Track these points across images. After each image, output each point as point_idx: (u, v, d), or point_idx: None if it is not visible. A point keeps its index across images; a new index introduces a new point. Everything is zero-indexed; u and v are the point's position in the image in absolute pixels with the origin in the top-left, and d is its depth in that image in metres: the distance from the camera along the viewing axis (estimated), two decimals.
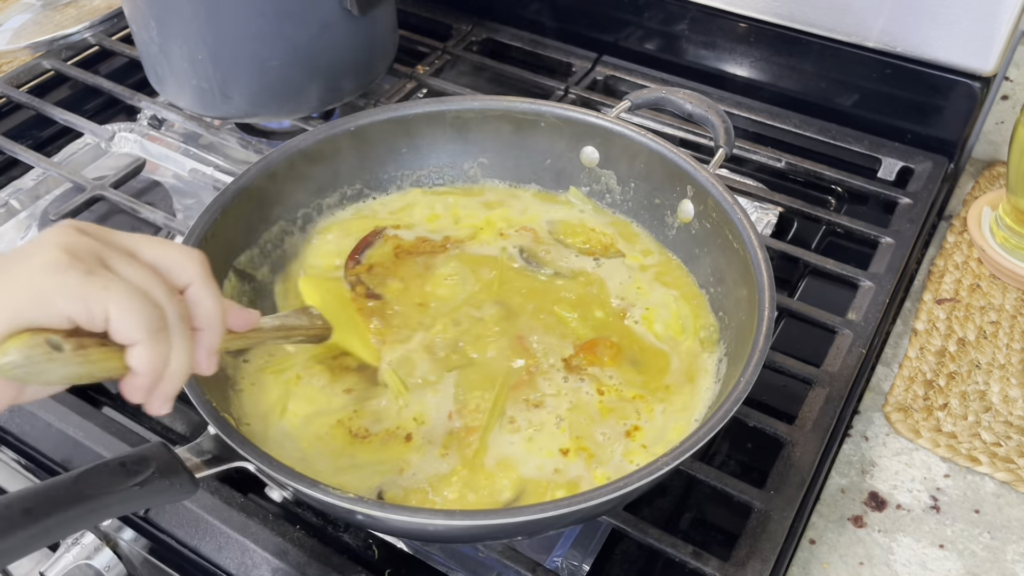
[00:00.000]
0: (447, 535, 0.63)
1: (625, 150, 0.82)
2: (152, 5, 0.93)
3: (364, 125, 0.82)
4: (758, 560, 0.64)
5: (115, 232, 0.50)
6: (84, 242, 0.47)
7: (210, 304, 0.52)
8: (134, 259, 0.49)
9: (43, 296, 0.45)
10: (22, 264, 0.45)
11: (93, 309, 0.45)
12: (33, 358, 0.44)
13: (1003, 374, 0.79)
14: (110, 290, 0.45)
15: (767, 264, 0.68)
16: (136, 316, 0.46)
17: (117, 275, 0.47)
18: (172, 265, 0.50)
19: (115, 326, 0.46)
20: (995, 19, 0.90)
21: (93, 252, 0.47)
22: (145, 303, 0.47)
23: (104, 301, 0.45)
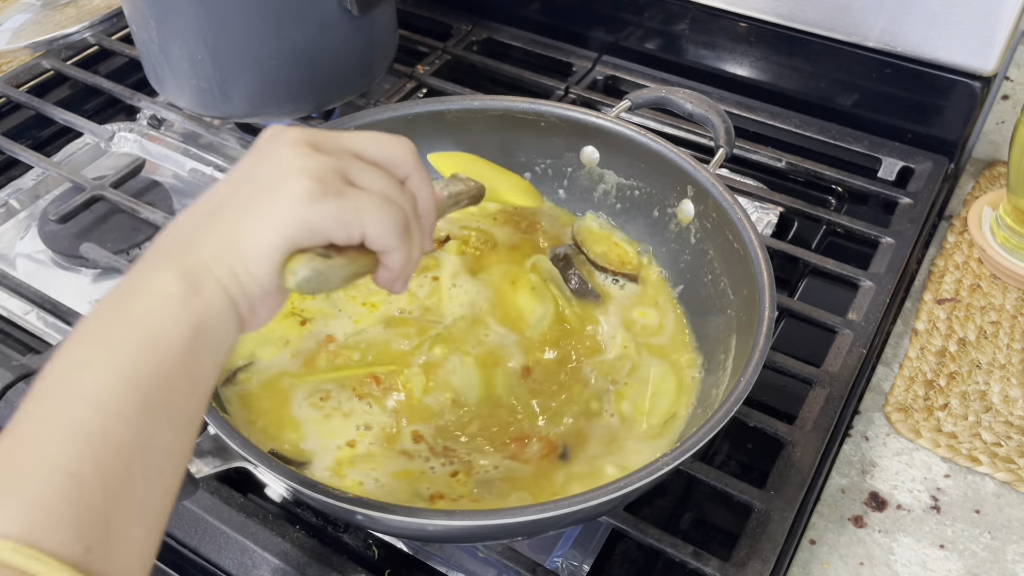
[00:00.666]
0: (447, 535, 0.63)
1: (625, 150, 0.82)
2: (152, 5, 0.93)
3: (364, 125, 0.82)
4: (758, 560, 0.64)
5: (338, 136, 0.53)
6: (323, 162, 0.49)
7: (427, 192, 0.56)
8: (364, 163, 0.52)
9: (311, 226, 0.48)
10: (281, 195, 0.48)
11: (352, 231, 0.49)
12: (318, 269, 0.49)
13: (1004, 374, 0.79)
14: (363, 211, 0.49)
15: (767, 264, 0.68)
16: (388, 228, 0.50)
17: (361, 190, 0.50)
18: (394, 159, 0.54)
19: (372, 240, 0.50)
20: (995, 19, 0.90)
21: (334, 170, 0.49)
22: (391, 213, 0.50)
23: (360, 223, 0.49)
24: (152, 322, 0.45)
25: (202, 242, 0.48)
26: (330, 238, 0.49)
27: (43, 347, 0.82)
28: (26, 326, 0.87)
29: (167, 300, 0.46)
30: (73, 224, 0.95)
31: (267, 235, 0.48)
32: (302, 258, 0.49)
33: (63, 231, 0.95)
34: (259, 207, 0.49)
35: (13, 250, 0.96)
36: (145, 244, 0.94)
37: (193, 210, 0.51)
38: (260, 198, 0.49)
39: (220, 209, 0.50)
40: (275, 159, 0.50)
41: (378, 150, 0.53)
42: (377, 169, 0.52)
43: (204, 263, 0.47)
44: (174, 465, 0.46)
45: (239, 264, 0.48)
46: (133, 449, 0.42)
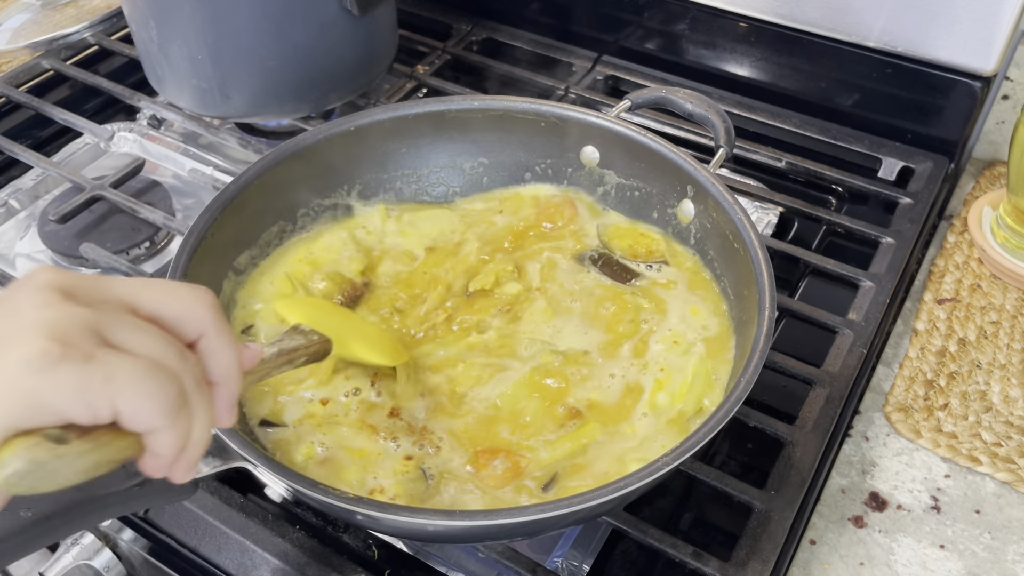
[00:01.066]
0: (447, 535, 0.63)
1: (625, 150, 0.82)
2: (151, 5, 0.93)
3: (364, 125, 0.82)
4: (758, 560, 0.64)
5: (107, 282, 0.43)
6: (72, 315, 0.39)
7: (227, 355, 0.45)
8: (136, 321, 0.41)
9: (33, 401, 0.38)
10: (2, 358, 0.38)
11: (97, 407, 0.39)
12: (38, 460, 0.38)
13: (1004, 374, 0.79)
14: (115, 380, 0.39)
15: (767, 264, 0.68)
16: (150, 404, 0.40)
17: (120, 351, 0.40)
18: (180, 315, 0.43)
19: (128, 419, 0.40)
20: (995, 19, 0.90)
21: (86, 326, 0.39)
22: (158, 384, 0.40)
23: (110, 395, 0.39)
24: None
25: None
26: (66, 417, 0.38)
27: None
28: None
29: None
30: (73, 224, 0.95)
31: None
32: (19, 445, 0.38)
33: (63, 231, 0.95)
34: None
35: (13, 250, 0.96)
36: (145, 244, 0.94)
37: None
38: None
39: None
40: (12, 306, 0.40)
41: (159, 304, 0.43)
42: (150, 327, 0.42)
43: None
44: None
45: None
46: None
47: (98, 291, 0.42)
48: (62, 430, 0.39)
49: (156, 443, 0.41)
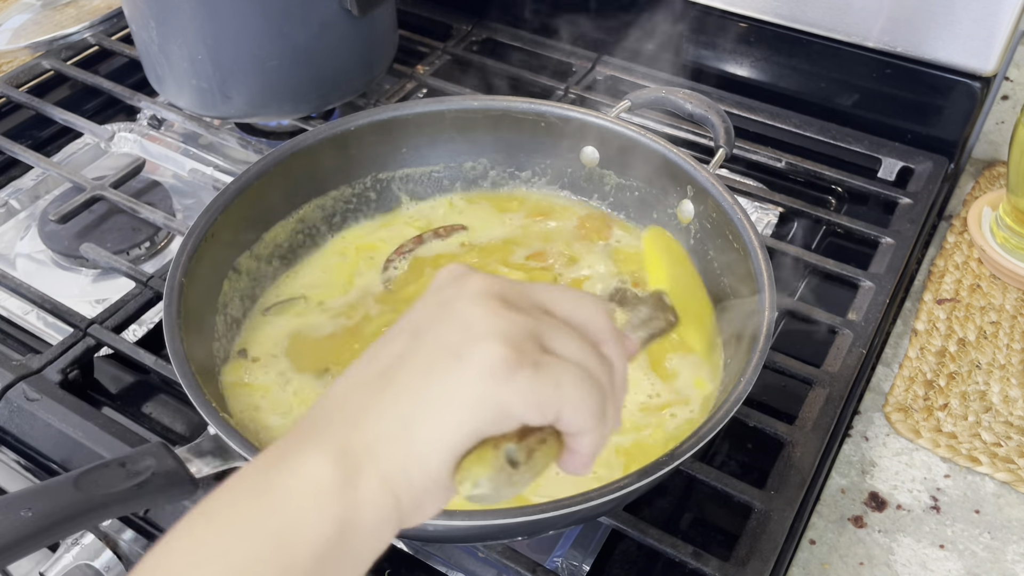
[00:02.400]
0: (447, 535, 0.63)
1: (625, 150, 0.82)
2: (152, 5, 0.93)
3: (364, 125, 0.82)
4: (758, 560, 0.64)
5: (530, 289, 0.45)
6: (517, 323, 0.41)
7: (623, 364, 0.46)
8: (563, 324, 0.44)
9: (499, 409, 0.40)
10: (468, 365, 0.40)
11: (547, 412, 0.41)
12: (499, 487, 0.40)
13: (1003, 374, 0.79)
14: (561, 387, 0.41)
15: (767, 264, 0.68)
16: (587, 409, 0.42)
17: (558, 358, 0.42)
18: (588, 321, 0.45)
19: (568, 422, 0.42)
20: (995, 19, 0.90)
21: (529, 333, 0.41)
22: (592, 391, 0.42)
23: (558, 401, 0.41)
24: (290, 510, 0.38)
25: (366, 420, 0.40)
26: (523, 421, 0.41)
27: (43, 347, 0.82)
28: (26, 326, 0.87)
29: (314, 490, 0.38)
30: (73, 224, 0.95)
31: (449, 421, 0.40)
32: (486, 460, 0.40)
33: (63, 231, 0.95)
34: (441, 380, 0.40)
35: (13, 250, 0.96)
36: (145, 244, 0.94)
37: (357, 371, 0.43)
38: (442, 367, 0.40)
39: (390, 377, 0.41)
40: (460, 316, 0.42)
41: (571, 308, 0.45)
42: (573, 332, 0.44)
43: (368, 448, 0.39)
44: None
45: (410, 455, 0.40)
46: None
47: (527, 297, 0.44)
48: (515, 447, 0.41)
49: (583, 444, 0.43)
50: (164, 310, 0.66)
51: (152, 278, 0.85)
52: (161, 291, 0.83)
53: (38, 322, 0.87)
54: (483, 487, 0.40)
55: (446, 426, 0.39)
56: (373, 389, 0.41)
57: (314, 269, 0.82)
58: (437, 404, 0.40)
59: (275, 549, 0.37)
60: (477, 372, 0.40)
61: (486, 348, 0.40)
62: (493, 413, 0.40)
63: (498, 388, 0.39)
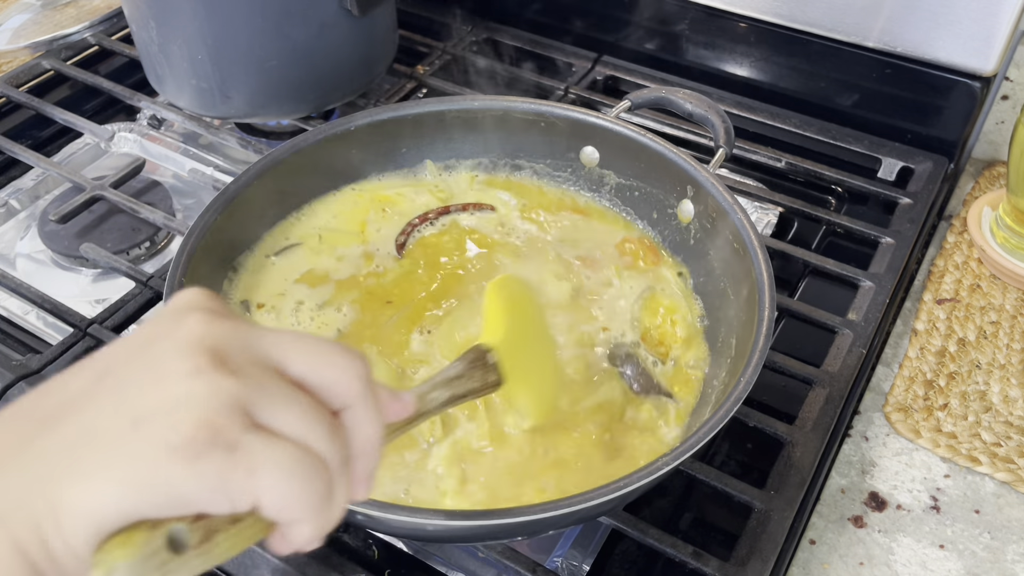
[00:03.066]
0: (446, 535, 0.63)
1: (625, 150, 0.82)
2: (152, 5, 0.93)
3: (364, 125, 0.82)
4: (758, 560, 0.64)
5: (258, 339, 0.38)
6: (221, 391, 0.35)
7: (372, 429, 0.40)
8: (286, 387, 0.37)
9: (171, 491, 0.33)
10: (143, 435, 0.34)
11: (237, 500, 0.35)
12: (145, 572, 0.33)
13: (1003, 374, 0.79)
14: (259, 473, 0.34)
15: (767, 264, 0.68)
16: (295, 498, 0.36)
17: (268, 435, 0.35)
18: (330, 384, 0.39)
19: (269, 512, 0.36)
20: (995, 19, 0.90)
21: (235, 404, 0.35)
22: (307, 477, 0.36)
23: (252, 490, 0.35)
24: None
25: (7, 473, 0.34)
26: (201, 510, 0.34)
27: (43, 347, 0.82)
28: (26, 326, 0.87)
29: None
30: (73, 224, 0.95)
31: (101, 496, 0.33)
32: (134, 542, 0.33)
33: (63, 231, 0.95)
34: (106, 443, 0.33)
35: (13, 250, 0.96)
36: (145, 244, 0.94)
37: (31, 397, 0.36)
38: (113, 428, 0.34)
39: (52, 424, 0.35)
40: (156, 367, 0.35)
41: (312, 369, 0.38)
42: (301, 399, 0.37)
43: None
44: None
45: (49, 518, 0.33)
46: None
47: (249, 351, 0.37)
48: (188, 525, 0.34)
49: (294, 533, 0.37)
50: None
51: (152, 278, 0.85)
52: (161, 291, 0.83)
53: (38, 322, 0.87)
54: (119, 571, 0.32)
55: (95, 500, 0.33)
56: (25, 434, 0.35)
57: (324, 214, 0.82)
58: (91, 471, 0.33)
59: None
60: (151, 447, 0.33)
61: (170, 420, 0.34)
62: (160, 498, 0.33)
63: (173, 470, 0.33)
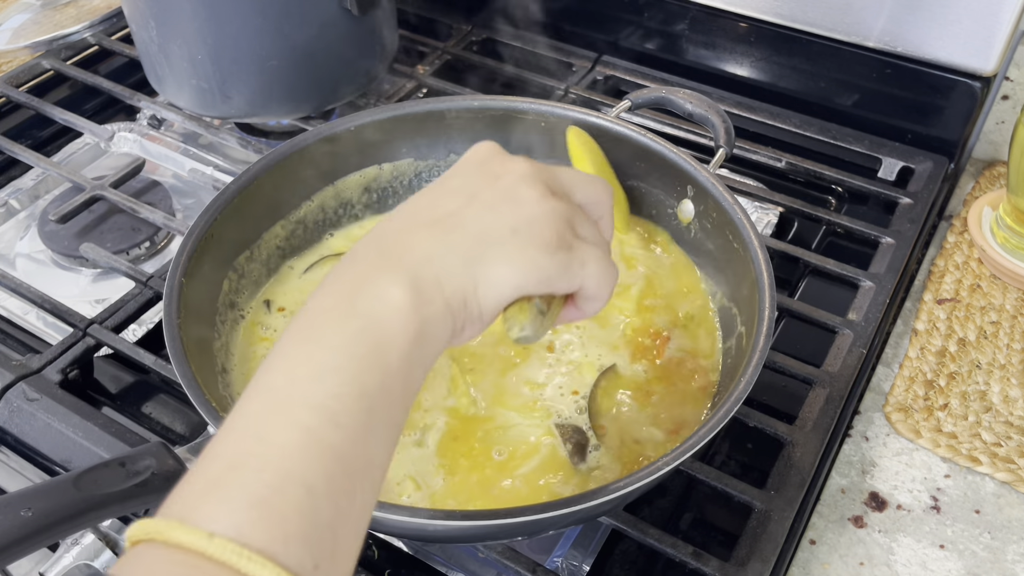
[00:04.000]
0: (447, 535, 0.63)
1: (625, 150, 0.82)
2: (152, 5, 0.93)
3: (364, 125, 0.82)
4: (758, 560, 0.64)
5: (561, 176, 0.55)
6: (559, 211, 0.51)
7: (610, 234, 0.58)
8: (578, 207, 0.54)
9: (544, 277, 0.50)
10: (527, 240, 0.49)
11: (574, 284, 0.52)
12: (537, 330, 0.51)
13: (1004, 374, 0.79)
14: (587, 267, 0.52)
15: (767, 264, 0.68)
16: (605, 285, 0.53)
17: (586, 244, 0.52)
18: (596, 202, 0.56)
19: (587, 292, 0.53)
20: (996, 19, 0.90)
21: (567, 221, 0.52)
22: (609, 271, 0.53)
23: (582, 277, 0.52)
24: (381, 332, 0.45)
25: (435, 258, 0.48)
26: (556, 290, 0.51)
27: (43, 347, 0.82)
28: (26, 326, 0.87)
29: (397, 312, 0.45)
30: (73, 224, 0.95)
31: (507, 277, 0.49)
32: (526, 312, 0.51)
33: (63, 231, 0.95)
34: (503, 245, 0.49)
35: (13, 250, 0.96)
36: (145, 244, 0.94)
37: (413, 214, 0.51)
38: (504, 236, 0.49)
39: (452, 226, 0.50)
40: (514, 194, 0.51)
41: (586, 192, 0.56)
42: (590, 218, 0.55)
43: (436, 279, 0.47)
44: (382, 479, 0.45)
45: (471, 291, 0.48)
46: (358, 464, 0.42)
47: (560, 184, 0.54)
48: (542, 301, 0.51)
49: (591, 308, 0.55)
50: (164, 310, 0.66)
51: (152, 278, 0.85)
52: (161, 291, 0.83)
53: (38, 322, 0.87)
54: (527, 330, 0.50)
55: (503, 278, 0.49)
56: (437, 232, 0.49)
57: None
58: (499, 262, 0.49)
59: (376, 359, 0.44)
60: (534, 247, 0.49)
61: (542, 229, 0.50)
62: (539, 279, 0.50)
63: (546, 261, 0.50)
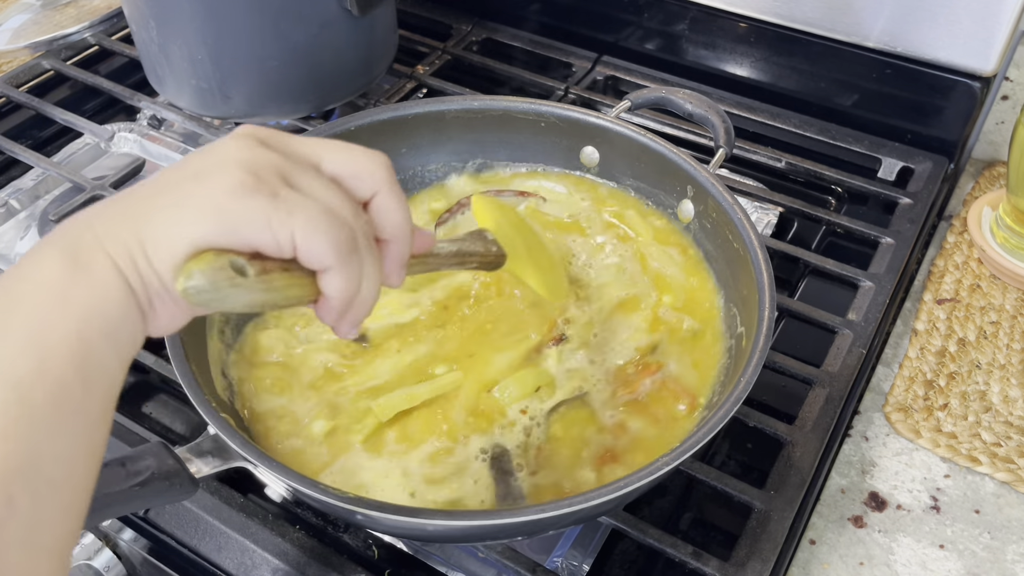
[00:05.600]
0: (447, 535, 0.63)
1: (625, 150, 0.82)
2: (152, 5, 0.93)
3: (364, 125, 0.82)
4: (758, 560, 0.64)
5: (297, 140, 0.47)
6: (266, 158, 0.44)
7: (398, 214, 0.48)
8: (318, 172, 0.46)
9: (227, 221, 0.42)
10: (204, 183, 0.42)
11: (280, 236, 0.43)
12: (217, 283, 0.42)
13: (1003, 374, 0.79)
14: (295, 215, 0.42)
15: (767, 264, 0.68)
16: (325, 240, 0.43)
17: (302, 195, 0.43)
18: (357, 173, 0.47)
19: (303, 252, 0.43)
20: (995, 19, 0.90)
21: (276, 169, 0.44)
22: (332, 225, 0.43)
23: (290, 227, 0.42)
24: (33, 312, 0.39)
25: (99, 220, 0.42)
26: (252, 242, 0.43)
27: None
28: None
29: (49, 285, 0.40)
30: None
31: (176, 221, 0.42)
32: (207, 258, 0.42)
33: None
34: (175, 191, 0.43)
35: (13, 250, 0.96)
36: None
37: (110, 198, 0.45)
38: (181, 185, 0.43)
39: (133, 193, 0.44)
40: (215, 150, 0.45)
41: (340, 163, 0.47)
42: (329, 182, 0.46)
43: (96, 239, 0.41)
44: (72, 476, 0.39)
45: (136, 245, 0.41)
46: (11, 464, 0.36)
47: (290, 145, 0.46)
48: (246, 260, 0.42)
49: (328, 284, 0.45)
50: None
51: None
52: None
53: None
54: (196, 279, 0.41)
55: (170, 225, 0.42)
56: (114, 201, 0.44)
57: None
58: (167, 207, 0.42)
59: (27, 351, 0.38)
60: (210, 188, 0.42)
61: (225, 170, 0.42)
62: (221, 225, 0.42)
63: (230, 204, 0.42)
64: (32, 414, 0.37)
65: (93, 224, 0.42)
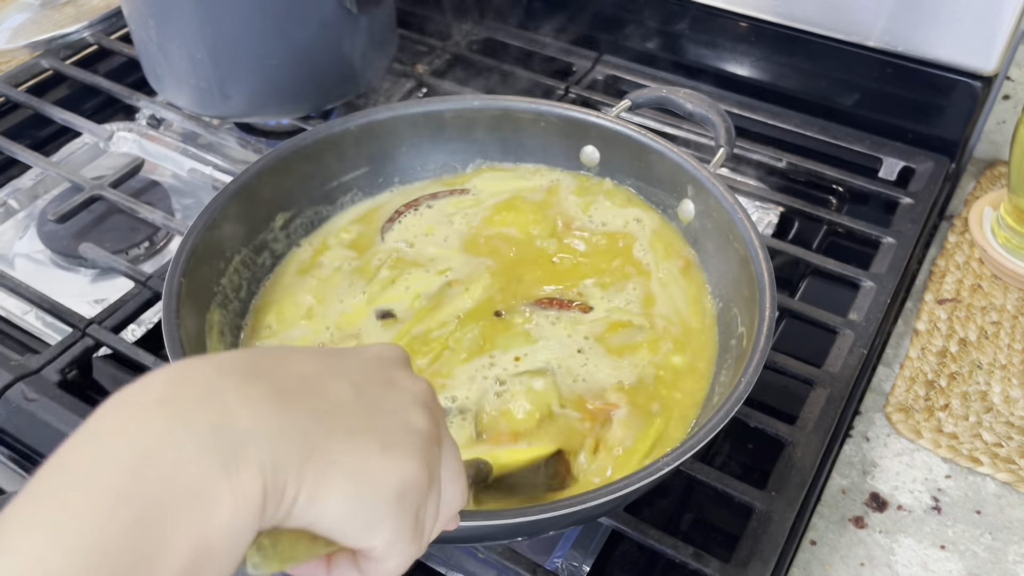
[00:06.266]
0: (446, 535, 0.62)
1: (625, 150, 0.82)
2: (151, 4, 0.93)
3: (364, 124, 0.82)
4: (759, 561, 0.64)
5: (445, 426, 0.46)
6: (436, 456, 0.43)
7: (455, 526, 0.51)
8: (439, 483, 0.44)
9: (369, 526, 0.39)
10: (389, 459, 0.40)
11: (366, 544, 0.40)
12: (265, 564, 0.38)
13: (1004, 374, 0.79)
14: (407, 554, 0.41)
15: (768, 264, 0.68)
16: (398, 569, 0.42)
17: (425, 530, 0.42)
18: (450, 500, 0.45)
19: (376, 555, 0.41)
20: (996, 19, 0.89)
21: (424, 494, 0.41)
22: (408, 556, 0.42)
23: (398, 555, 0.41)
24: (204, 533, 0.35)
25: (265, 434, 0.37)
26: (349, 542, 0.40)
27: (42, 347, 0.82)
28: (25, 326, 0.87)
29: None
30: (72, 224, 0.95)
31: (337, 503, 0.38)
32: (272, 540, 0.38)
33: (62, 231, 0.94)
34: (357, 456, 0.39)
35: (12, 250, 0.96)
36: (144, 244, 0.94)
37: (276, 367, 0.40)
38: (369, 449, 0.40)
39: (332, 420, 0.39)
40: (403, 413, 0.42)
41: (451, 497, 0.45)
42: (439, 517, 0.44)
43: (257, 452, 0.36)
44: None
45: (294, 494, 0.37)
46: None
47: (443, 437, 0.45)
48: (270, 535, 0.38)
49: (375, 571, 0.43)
50: (163, 310, 0.65)
51: (151, 278, 0.85)
52: (160, 291, 0.82)
53: (37, 322, 0.87)
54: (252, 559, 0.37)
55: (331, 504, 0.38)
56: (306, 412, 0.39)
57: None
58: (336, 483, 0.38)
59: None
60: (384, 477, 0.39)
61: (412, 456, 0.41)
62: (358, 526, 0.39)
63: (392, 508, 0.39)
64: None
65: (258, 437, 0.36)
